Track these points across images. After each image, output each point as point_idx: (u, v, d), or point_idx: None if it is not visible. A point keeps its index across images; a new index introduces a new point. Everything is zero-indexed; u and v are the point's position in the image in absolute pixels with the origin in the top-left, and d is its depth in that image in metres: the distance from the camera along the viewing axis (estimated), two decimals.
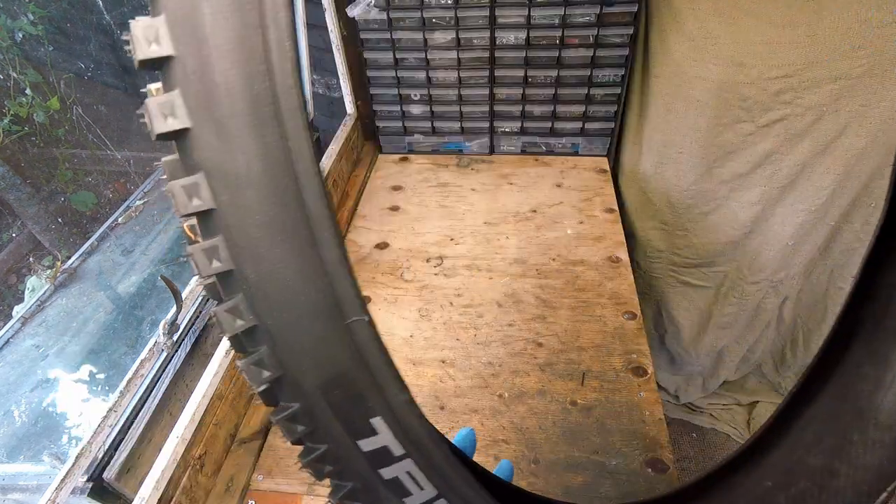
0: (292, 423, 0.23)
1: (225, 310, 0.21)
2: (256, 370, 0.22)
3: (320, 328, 0.22)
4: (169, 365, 0.66)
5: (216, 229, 0.20)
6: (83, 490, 0.53)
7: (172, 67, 0.18)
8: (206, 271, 0.21)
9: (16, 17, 1.38)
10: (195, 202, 0.19)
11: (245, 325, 0.21)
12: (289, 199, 0.20)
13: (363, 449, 0.23)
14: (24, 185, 1.48)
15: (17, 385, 0.80)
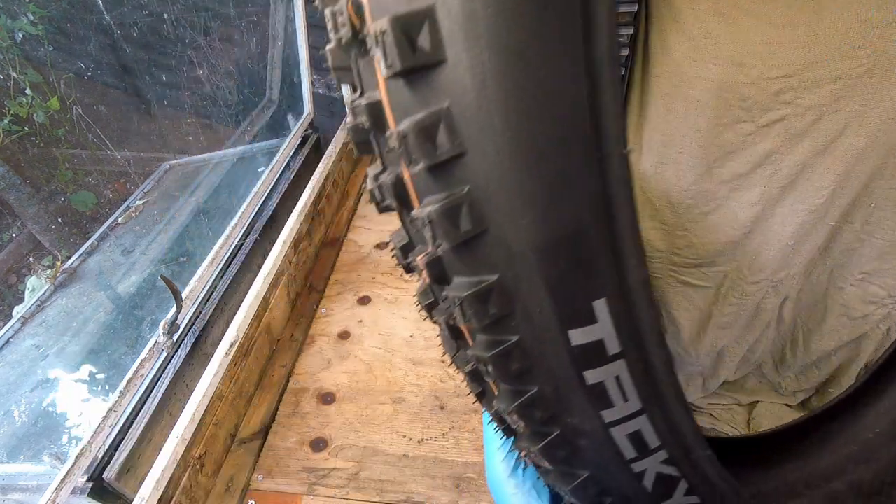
0: (481, 302, 0.18)
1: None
2: (452, 217, 0.16)
3: (564, 158, 0.16)
4: (169, 365, 0.66)
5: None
6: (83, 490, 0.53)
7: None
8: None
9: (16, 17, 1.38)
10: None
11: (449, 151, 0.16)
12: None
13: (572, 342, 0.18)
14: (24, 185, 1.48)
15: (17, 385, 0.80)
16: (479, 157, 0.15)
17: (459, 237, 0.17)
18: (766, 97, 0.93)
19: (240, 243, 0.85)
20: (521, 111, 0.15)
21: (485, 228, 0.16)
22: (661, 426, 0.21)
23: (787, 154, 0.99)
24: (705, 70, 0.96)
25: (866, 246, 1.01)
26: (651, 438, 0.21)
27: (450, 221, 0.16)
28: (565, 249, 0.16)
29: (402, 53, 0.16)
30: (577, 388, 0.19)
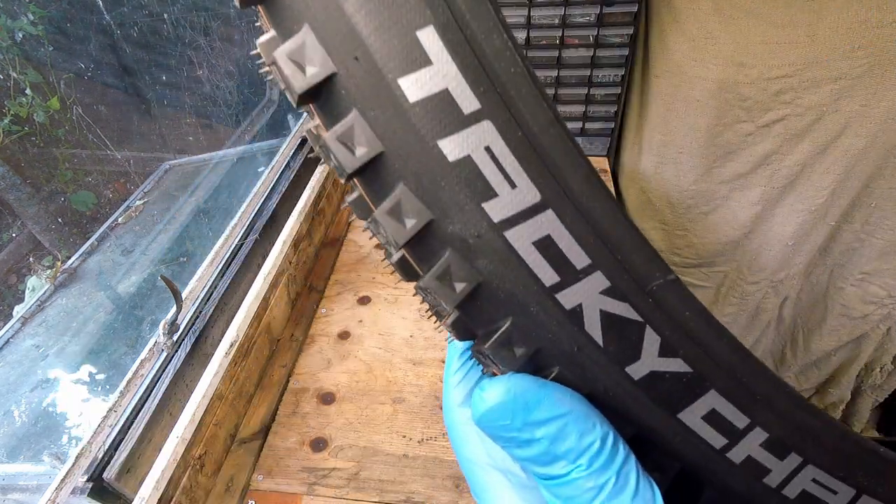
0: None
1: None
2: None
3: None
4: (169, 365, 0.66)
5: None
6: (83, 490, 0.53)
7: None
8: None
9: (16, 17, 1.38)
10: None
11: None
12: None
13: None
14: (24, 185, 1.48)
15: (17, 385, 0.80)
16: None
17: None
18: (766, 97, 0.93)
19: (240, 243, 0.85)
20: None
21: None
22: (581, 232, 0.16)
23: (787, 154, 0.99)
24: (705, 70, 0.96)
25: (866, 246, 1.01)
26: (576, 254, 0.16)
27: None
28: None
29: (449, 297, 0.18)
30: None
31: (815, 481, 0.19)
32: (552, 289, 0.17)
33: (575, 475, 0.17)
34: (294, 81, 0.16)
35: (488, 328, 0.18)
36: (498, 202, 0.16)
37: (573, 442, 0.16)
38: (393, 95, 0.15)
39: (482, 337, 0.18)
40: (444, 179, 0.16)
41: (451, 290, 0.17)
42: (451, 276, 0.17)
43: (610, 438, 0.17)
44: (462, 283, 0.17)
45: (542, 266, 0.17)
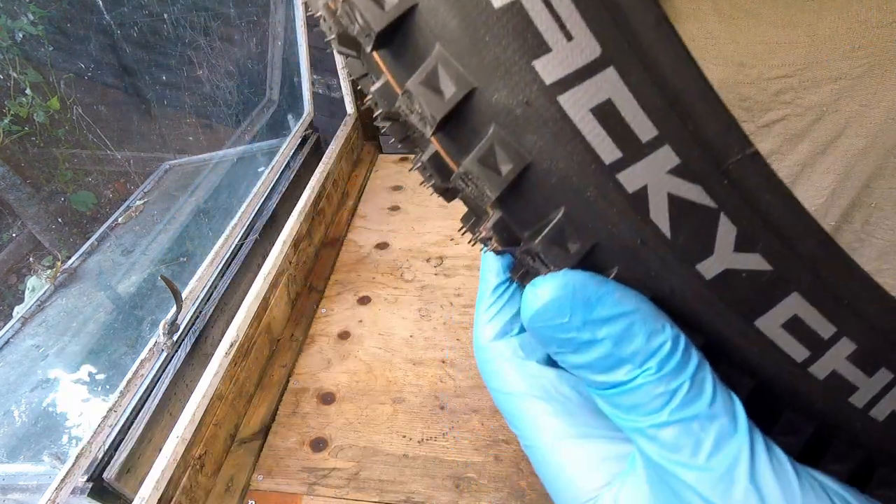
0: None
1: None
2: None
3: None
4: (169, 365, 0.66)
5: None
6: (83, 490, 0.53)
7: None
8: None
9: (16, 17, 1.38)
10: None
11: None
12: None
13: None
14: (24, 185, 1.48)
15: (17, 385, 0.80)
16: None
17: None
18: (766, 97, 0.93)
19: (240, 243, 0.85)
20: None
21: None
22: (644, 88, 0.14)
23: (786, 154, 0.99)
24: (705, 70, 0.96)
25: (866, 246, 1.00)
26: (632, 115, 0.14)
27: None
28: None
29: (492, 182, 0.15)
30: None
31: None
32: (612, 167, 0.14)
33: (642, 380, 0.14)
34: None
35: (537, 223, 0.15)
36: (551, 59, 0.13)
37: (641, 343, 0.14)
38: None
39: (530, 235, 0.15)
40: (489, 32, 0.13)
41: (495, 173, 0.14)
42: (495, 157, 0.14)
43: (682, 341, 0.15)
44: (508, 164, 0.14)
45: (602, 139, 0.14)
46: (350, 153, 1.19)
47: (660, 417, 0.14)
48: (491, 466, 0.65)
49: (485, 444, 0.67)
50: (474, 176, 0.15)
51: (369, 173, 1.21)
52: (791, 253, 0.16)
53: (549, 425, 0.17)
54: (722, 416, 0.14)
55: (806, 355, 0.16)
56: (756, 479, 0.13)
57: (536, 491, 0.63)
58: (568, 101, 0.14)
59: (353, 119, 1.21)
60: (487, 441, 0.68)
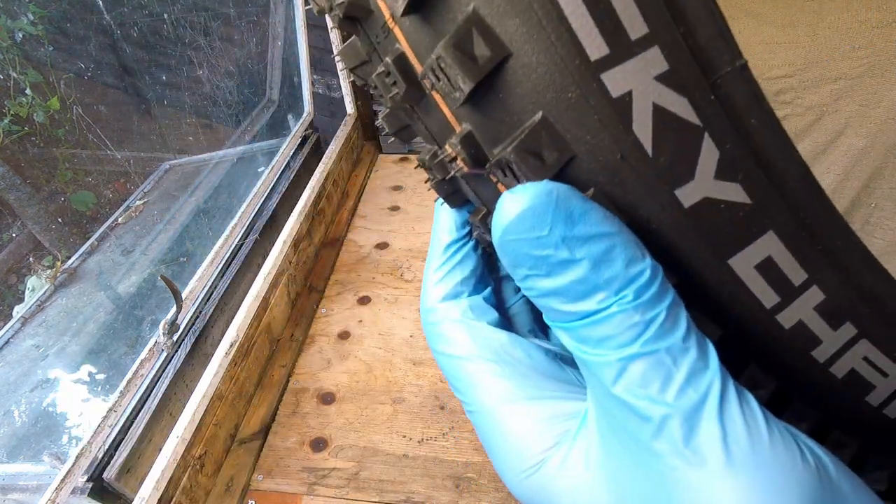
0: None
1: None
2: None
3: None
4: (169, 365, 0.66)
5: None
6: (83, 490, 0.53)
7: None
8: None
9: (16, 17, 1.38)
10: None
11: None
12: None
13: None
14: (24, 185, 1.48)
15: (17, 385, 0.80)
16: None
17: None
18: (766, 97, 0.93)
19: (240, 243, 0.85)
20: None
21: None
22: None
23: None
24: None
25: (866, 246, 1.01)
26: (623, 8, 0.14)
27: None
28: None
29: (466, 69, 0.13)
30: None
31: (867, 360, 0.16)
32: (598, 65, 0.12)
33: (617, 308, 0.13)
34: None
35: (511, 133, 0.14)
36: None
37: (619, 268, 0.13)
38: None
39: (503, 146, 0.14)
40: None
41: (470, 60, 0.13)
42: (472, 43, 0.13)
43: (660, 272, 0.14)
44: (486, 51, 0.13)
45: (589, 30, 0.12)
46: (350, 153, 1.19)
47: (631, 349, 0.13)
48: (491, 466, 0.65)
49: None
50: (447, 63, 0.13)
51: (369, 173, 1.21)
52: (772, 187, 0.14)
53: (497, 388, 0.16)
54: (694, 351, 0.13)
55: (776, 301, 0.15)
56: (724, 418, 0.12)
57: None
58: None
59: (353, 119, 1.21)
60: None
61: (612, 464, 0.13)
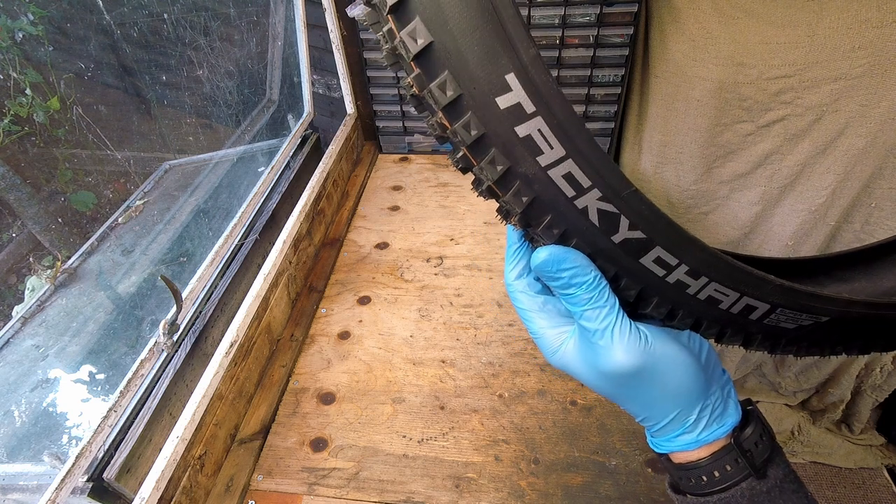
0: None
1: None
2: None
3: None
4: (169, 365, 0.66)
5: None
6: (83, 490, 0.53)
7: None
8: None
9: (16, 17, 1.38)
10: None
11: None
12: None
13: (500, 106, 0.27)
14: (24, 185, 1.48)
15: (17, 385, 0.80)
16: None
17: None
18: (766, 97, 0.93)
19: (240, 243, 0.85)
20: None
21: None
22: (585, 168, 0.28)
23: (787, 154, 0.99)
24: (705, 70, 0.96)
25: None
26: (581, 178, 0.28)
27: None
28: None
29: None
30: (515, 140, 0.28)
31: (717, 291, 0.32)
32: (572, 198, 0.29)
33: (580, 293, 0.32)
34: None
35: (539, 221, 0.31)
36: (543, 156, 0.28)
37: (580, 278, 0.32)
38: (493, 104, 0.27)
39: (534, 226, 0.31)
40: (517, 146, 0.28)
41: (519, 201, 0.30)
42: (521, 192, 0.29)
43: (598, 277, 0.32)
44: (526, 197, 0.30)
45: (567, 186, 0.29)
46: (350, 153, 1.19)
47: (585, 307, 0.32)
48: (491, 466, 0.65)
49: (485, 444, 0.67)
50: (510, 201, 0.30)
51: (369, 173, 1.21)
52: (655, 230, 0.30)
53: (540, 320, 0.37)
54: (607, 307, 0.32)
55: (663, 272, 0.31)
56: (614, 331, 0.32)
57: (536, 491, 0.63)
58: (554, 174, 0.29)
59: (353, 119, 1.21)
60: (487, 441, 0.68)
61: (581, 348, 0.35)
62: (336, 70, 1.17)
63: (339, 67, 1.15)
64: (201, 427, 0.61)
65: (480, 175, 0.30)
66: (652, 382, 0.34)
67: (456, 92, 0.27)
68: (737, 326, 0.35)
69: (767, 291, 0.32)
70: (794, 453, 1.47)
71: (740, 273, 0.32)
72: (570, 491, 0.63)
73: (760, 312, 0.33)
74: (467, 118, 0.28)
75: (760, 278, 0.32)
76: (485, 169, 0.29)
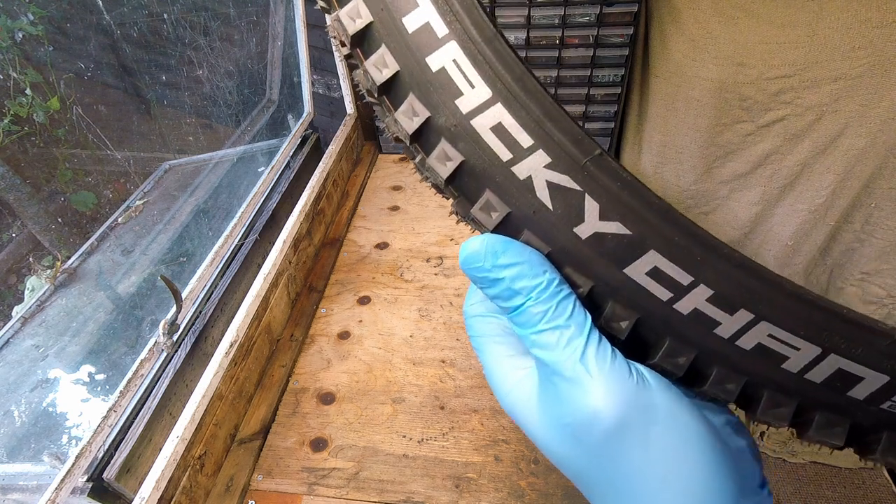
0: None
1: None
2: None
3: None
4: (169, 365, 0.66)
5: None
6: (83, 490, 0.53)
7: None
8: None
9: (16, 17, 1.38)
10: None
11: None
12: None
13: (409, 29, 0.22)
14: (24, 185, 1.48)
15: (17, 385, 0.80)
16: None
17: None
18: (766, 97, 0.93)
19: (240, 243, 0.85)
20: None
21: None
22: (523, 118, 0.21)
23: (787, 154, 0.99)
24: (705, 70, 0.96)
25: (866, 246, 1.01)
26: (517, 133, 0.21)
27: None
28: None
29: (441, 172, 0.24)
30: (429, 76, 0.22)
31: (772, 337, 0.21)
32: (509, 163, 0.21)
33: (528, 305, 0.22)
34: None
35: (474, 198, 0.23)
36: (464, 99, 0.21)
37: (527, 281, 0.22)
38: (400, 29, 0.22)
39: (474, 207, 0.23)
40: (433, 85, 0.22)
41: (443, 165, 0.22)
42: (446, 157, 0.22)
43: (555, 282, 0.22)
44: (451, 161, 0.22)
45: (499, 145, 0.21)
46: (350, 153, 1.19)
47: (539, 327, 0.22)
48: (491, 466, 0.65)
49: (485, 444, 0.67)
50: (432, 168, 0.23)
51: (369, 173, 1.21)
52: (643, 222, 0.21)
53: (495, 347, 0.26)
54: (573, 327, 0.22)
55: (669, 296, 0.21)
56: (584, 362, 0.21)
57: (536, 491, 0.63)
58: (477, 123, 0.21)
59: (353, 119, 1.21)
60: (487, 441, 0.68)
61: (540, 391, 0.23)
62: (336, 70, 1.17)
63: (338, 67, 1.15)
64: (201, 427, 0.61)
65: (396, 130, 0.23)
66: (644, 452, 0.20)
67: (366, 19, 0.22)
68: (826, 408, 0.22)
69: (882, 350, 0.19)
70: (794, 453, 1.47)
71: (814, 310, 0.20)
72: (570, 491, 0.63)
73: (872, 388, 0.20)
74: (380, 52, 0.22)
75: (864, 325, 0.20)
76: (399, 121, 0.22)
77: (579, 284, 0.22)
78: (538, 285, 0.22)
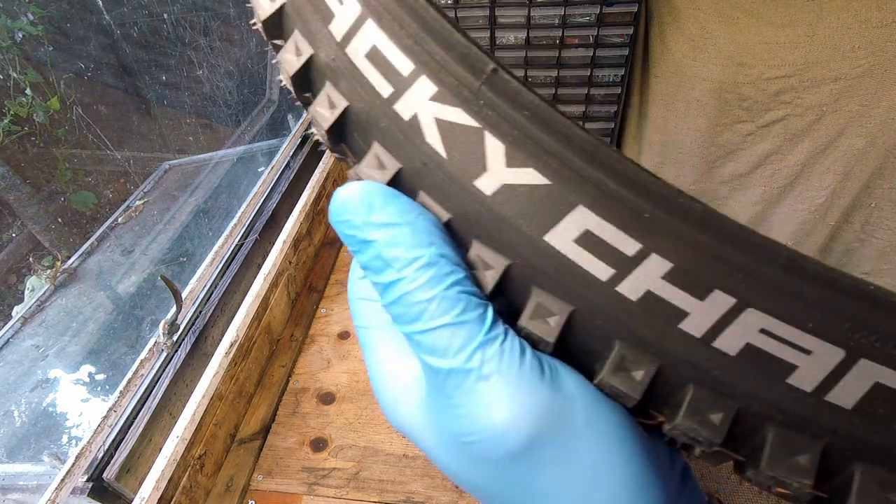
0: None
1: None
2: None
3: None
4: (169, 365, 0.66)
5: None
6: (83, 490, 0.53)
7: None
8: None
9: (16, 17, 1.38)
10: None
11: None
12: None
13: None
14: (24, 185, 1.48)
15: (17, 385, 0.80)
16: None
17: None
18: (766, 97, 0.93)
19: (240, 243, 0.85)
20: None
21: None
22: (398, 36, 0.17)
23: (787, 154, 0.99)
24: (705, 70, 0.96)
25: (866, 246, 1.01)
26: (394, 56, 0.17)
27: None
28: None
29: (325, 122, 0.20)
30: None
31: (767, 333, 0.13)
32: (390, 99, 0.17)
33: (400, 285, 0.17)
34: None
35: (359, 152, 0.19)
36: (336, 21, 0.18)
37: (402, 251, 0.16)
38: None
39: (357, 161, 0.19)
40: (309, 11, 0.19)
41: (329, 110, 0.18)
42: (330, 102, 0.18)
43: (443, 261, 0.16)
44: (336, 108, 0.18)
45: (377, 76, 0.17)
46: None
47: (421, 325, 0.16)
48: None
49: None
50: (318, 115, 0.19)
51: None
52: (565, 165, 0.15)
53: (381, 343, 0.21)
54: (468, 325, 0.16)
55: (611, 273, 0.15)
56: (484, 368, 0.16)
57: None
58: (350, 51, 0.17)
59: None
60: None
61: (430, 400, 0.18)
62: None
63: None
64: (201, 427, 0.61)
65: (289, 83, 0.19)
66: (561, 470, 0.16)
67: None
68: (870, 456, 0.14)
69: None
70: None
71: (829, 290, 0.13)
72: None
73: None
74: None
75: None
76: (285, 62, 0.19)
77: (490, 264, 0.16)
78: (417, 259, 0.16)
